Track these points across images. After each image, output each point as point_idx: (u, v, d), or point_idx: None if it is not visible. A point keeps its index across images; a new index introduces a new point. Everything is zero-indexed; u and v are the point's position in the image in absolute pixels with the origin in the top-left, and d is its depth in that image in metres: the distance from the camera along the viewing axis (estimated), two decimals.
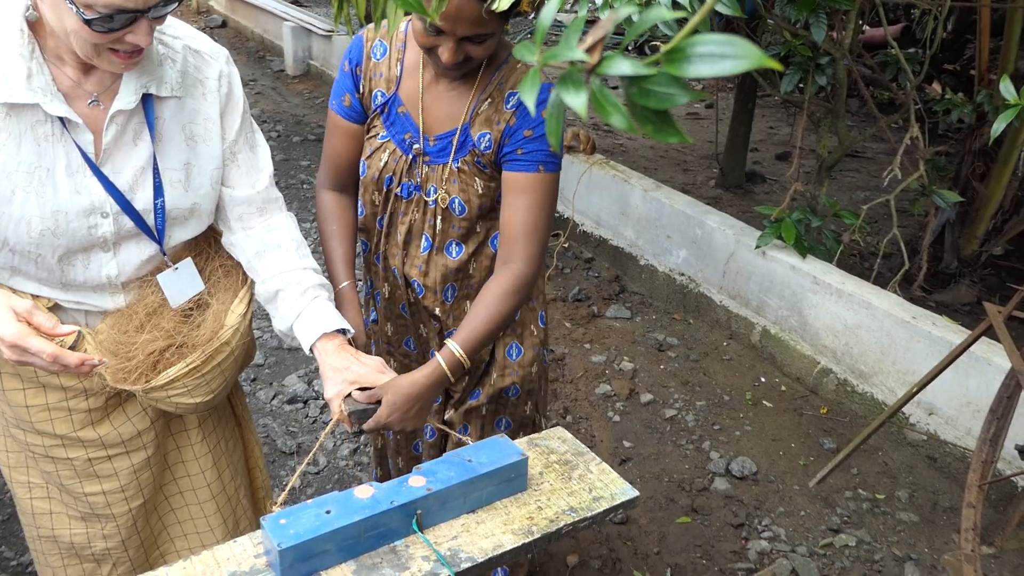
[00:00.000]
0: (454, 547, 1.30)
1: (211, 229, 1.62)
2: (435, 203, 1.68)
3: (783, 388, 3.49)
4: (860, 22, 3.76)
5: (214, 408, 1.72)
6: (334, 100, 1.73)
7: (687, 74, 0.50)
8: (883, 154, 6.18)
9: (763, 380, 3.53)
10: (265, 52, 8.88)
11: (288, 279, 1.55)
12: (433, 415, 1.89)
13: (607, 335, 3.84)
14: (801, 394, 3.44)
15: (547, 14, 0.55)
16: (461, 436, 1.60)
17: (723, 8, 0.92)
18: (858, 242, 3.81)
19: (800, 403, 3.39)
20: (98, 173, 1.37)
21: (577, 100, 0.52)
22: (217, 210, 1.57)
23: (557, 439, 1.59)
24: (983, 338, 2.40)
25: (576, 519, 1.38)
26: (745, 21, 4.30)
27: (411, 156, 1.67)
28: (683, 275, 4.07)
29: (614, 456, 3.02)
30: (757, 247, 3.59)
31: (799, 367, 3.51)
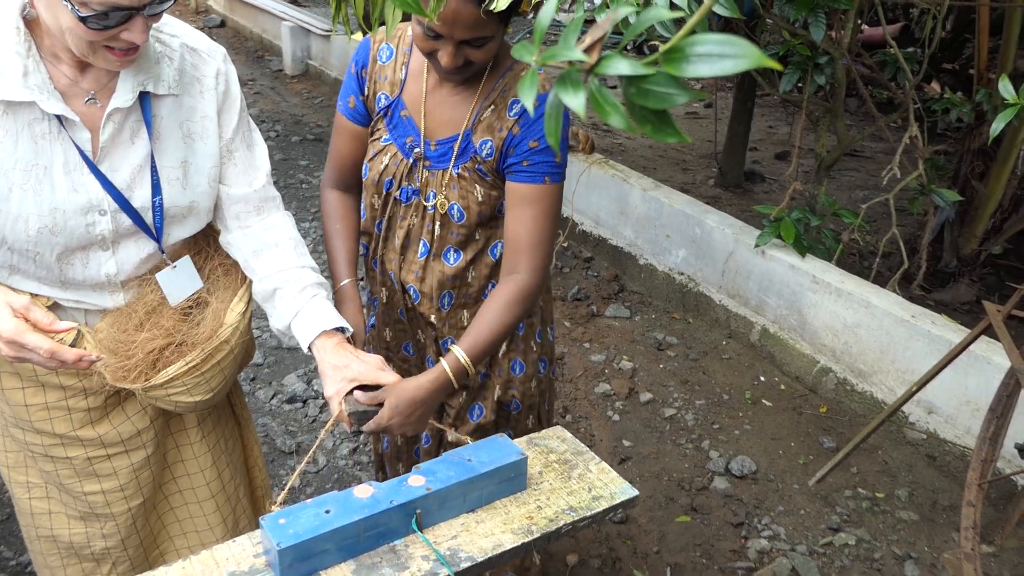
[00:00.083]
0: (454, 546, 1.30)
1: (210, 227, 1.62)
2: (434, 208, 1.67)
3: (782, 387, 3.49)
4: (859, 21, 3.76)
5: (213, 407, 1.72)
6: (340, 101, 1.74)
7: (686, 74, 0.50)
8: (882, 153, 6.18)
9: (762, 379, 3.53)
10: (264, 52, 8.88)
11: (286, 277, 1.55)
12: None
13: (606, 334, 3.84)
14: (800, 393, 3.44)
15: (545, 14, 0.56)
16: (460, 436, 1.60)
17: (721, 9, 0.92)
18: (857, 241, 3.82)
19: (799, 402, 3.39)
20: (95, 171, 1.37)
21: (575, 100, 0.52)
22: (215, 209, 1.57)
23: (556, 438, 1.59)
24: (982, 337, 2.41)
25: (576, 518, 1.38)
26: (744, 20, 4.30)
27: (411, 160, 1.66)
28: (682, 274, 4.07)
29: (613, 455, 3.02)
30: (756, 246, 3.59)
31: (798, 366, 3.51)
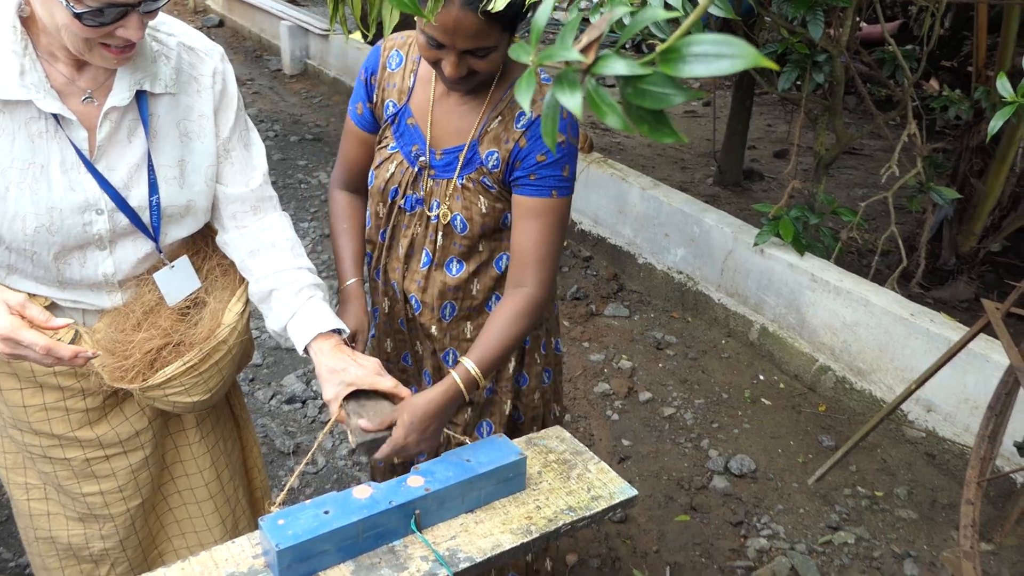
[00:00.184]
0: (452, 547, 1.30)
1: (208, 228, 1.62)
2: (437, 218, 1.66)
3: (781, 386, 3.49)
4: (857, 19, 3.76)
5: (212, 408, 1.71)
6: (350, 106, 1.74)
7: (682, 74, 0.50)
8: (881, 151, 6.18)
9: (761, 378, 3.53)
10: (262, 51, 8.87)
11: (282, 278, 1.54)
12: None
13: (605, 334, 3.84)
14: (799, 392, 3.45)
15: (542, 14, 0.55)
16: (459, 436, 1.59)
17: (716, 10, 0.92)
18: (856, 239, 3.81)
19: (799, 401, 3.39)
20: (92, 170, 1.37)
21: (572, 100, 0.51)
22: (212, 208, 1.57)
23: (555, 438, 1.59)
24: (981, 335, 2.40)
25: (575, 518, 1.38)
26: (742, 19, 4.30)
27: (416, 169, 1.66)
28: (681, 273, 4.07)
29: (613, 455, 3.02)
30: (755, 245, 3.59)
31: (797, 365, 3.51)
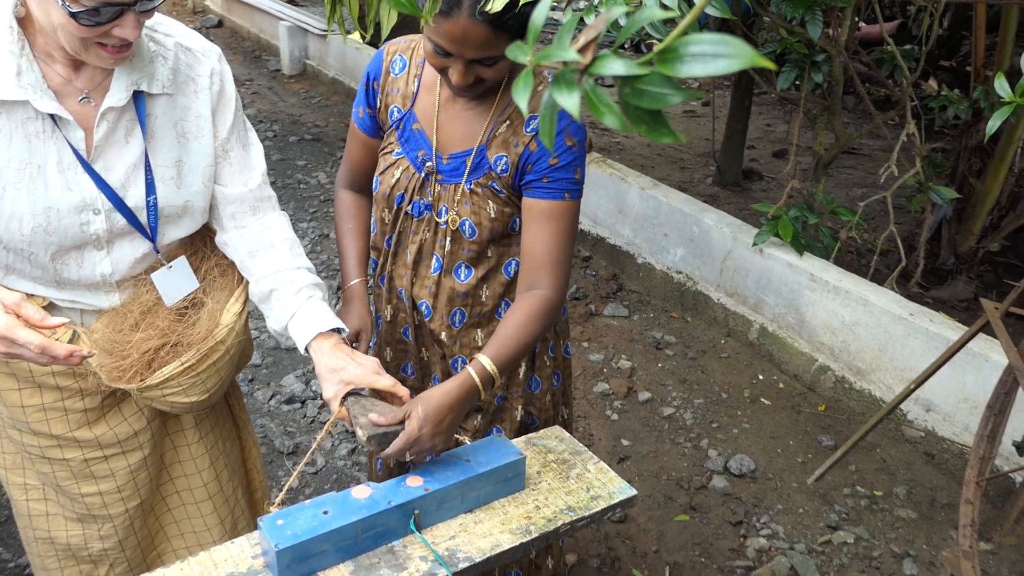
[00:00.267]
0: (452, 547, 1.30)
1: (207, 228, 1.62)
2: (446, 224, 1.65)
3: (781, 385, 3.49)
4: (856, 19, 3.76)
5: (211, 408, 1.71)
6: (354, 108, 1.75)
7: (680, 74, 0.50)
8: (880, 151, 6.18)
9: (761, 378, 3.54)
10: (261, 52, 8.87)
11: (282, 279, 1.55)
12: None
13: (605, 334, 3.84)
14: (799, 391, 3.45)
15: (539, 14, 0.55)
16: (459, 436, 1.59)
17: (713, 11, 0.92)
18: (855, 239, 3.82)
19: (798, 400, 3.39)
20: (89, 170, 1.37)
21: (570, 100, 0.51)
22: (210, 209, 1.57)
23: (555, 438, 1.59)
24: (980, 334, 2.41)
25: (574, 518, 1.38)
26: (741, 19, 4.30)
27: (423, 174, 1.65)
28: (680, 273, 4.07)
29: (612, 455, 3.02)
30: (754, 245, 3.59)
31: (797, 364, 3.51)
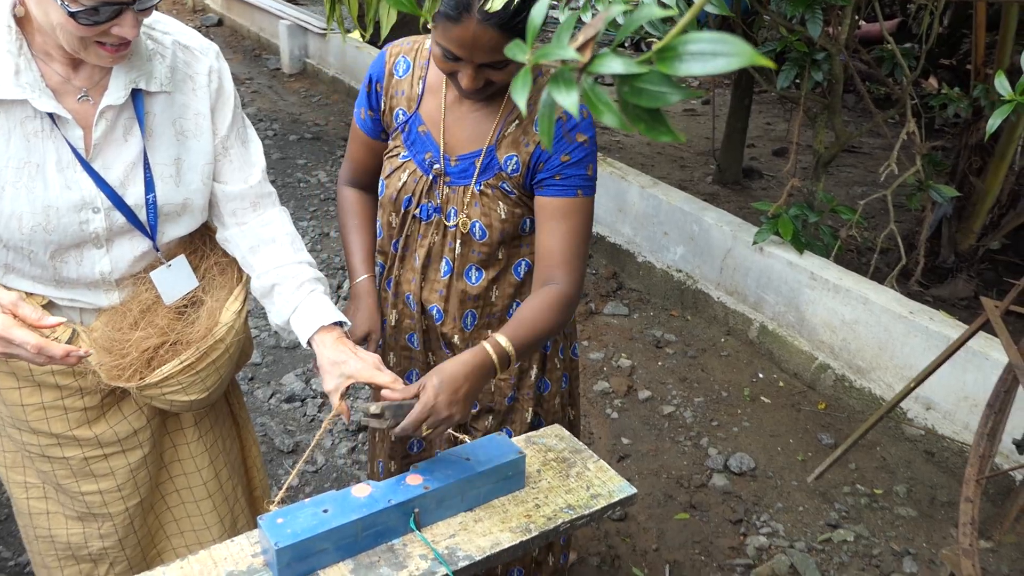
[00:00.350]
0: (452, 545, 1.30)
1: (205, 227, 1.62)
2: (455, 227, 1.64)
3: (781, 384, 3.49)
4: (856, 17, 3.75)
5: (211, 407, 1.71)
6: (356, 109, 1.74)
7: (679, 72, 0.50)
8: (880, 149, 6.18)
9: (761, 376, 3.54)
10: (261, 50, 8.87)
11: (284, 273, 1.55)
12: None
13: (605, 332, 3.84)
14: (799, 390, 3.45)
15: (537, 13, 0.55)
16: (459, 435, 1.59)
17: (712, 8, 0.92)
18: (855, 237, 3.82)
19: (798, 399, 3.39)
20: (88, 168, 1.37)
21: (568, 99, 0.51)
22: (210, 206, 1.57)
23: (555, 436, 1.59)
24: (980, 333, 2.40)
25: (574, 517, 1.38)
26: (741, 17, 4.29)
27: (431, 177, 1.64)
28: (680, 271, 4.07)
29: (612, 453, 3.02)
30: (754, 243, 3.59)
31: (797, 363, 3.51)
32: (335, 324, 1.52)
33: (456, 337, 1.74)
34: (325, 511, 1.26)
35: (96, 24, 1.22)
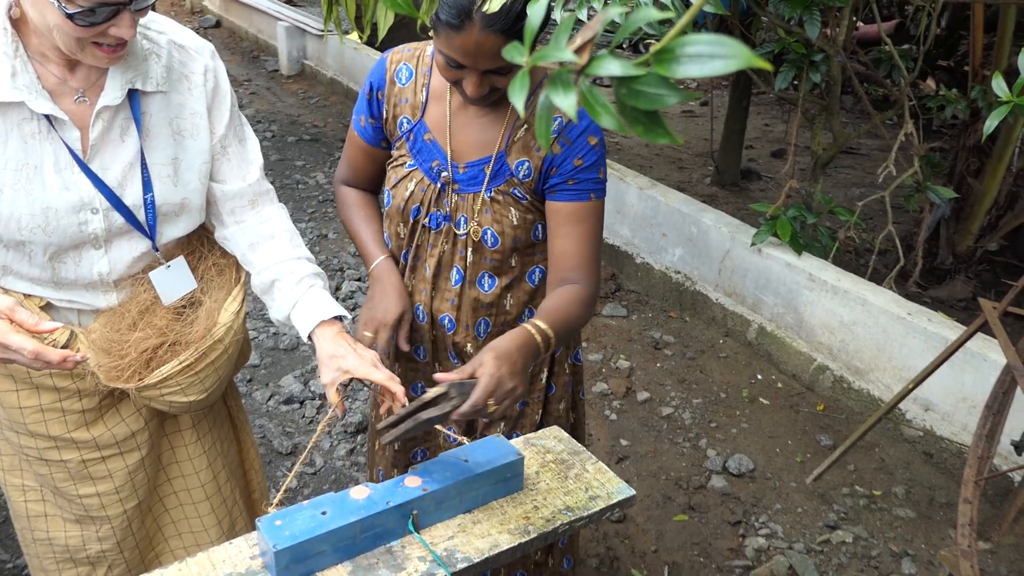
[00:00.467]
0: (450, 547, 1.30)
1: (203, 228, 1.63)
2: (466, 235, 1.63)
3: (779, 385, 3.49)
4: (854, 19, 3.76)
5: (209, 409, 1.71)
6: (354, 116, 1.72)
7: (676, 74, 0.50)
8: (878, 150, 6.18)
9: (759, 377, 3.54)
10: (259, 52, 8.87)
11: (283, 269, 1.55)
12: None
13: (603, 334, 3.84)
14: (797, 391, 3.45)
15: (535, 14, 0.55)
16: (457, 437, 1.59)
17: (710, 7, 0.92)
18: (853, 239, 3.82)
19: (796, 400, 3.39)
20: (86, 169, 1.37)
21: (566, 101, 0.51)
22: (209, 205, 1.57)
23: (553, 438, 1.59)
24: (979, 334, 2.41)
25: (572, 518, 1.38)
26: (739, 19, 4.30)
27: (439, 185, 1.62)
28: (679, 273, 4.07)
29: (611, 455, 3.02)
30: (753, 244, 3.59)
31: (795, 364, 3.51)
32: (335, 318, 1.53)
33: (469, 346, 1.73)
34: (323, 513, 1.26)
35: (93, 25, 1.22)
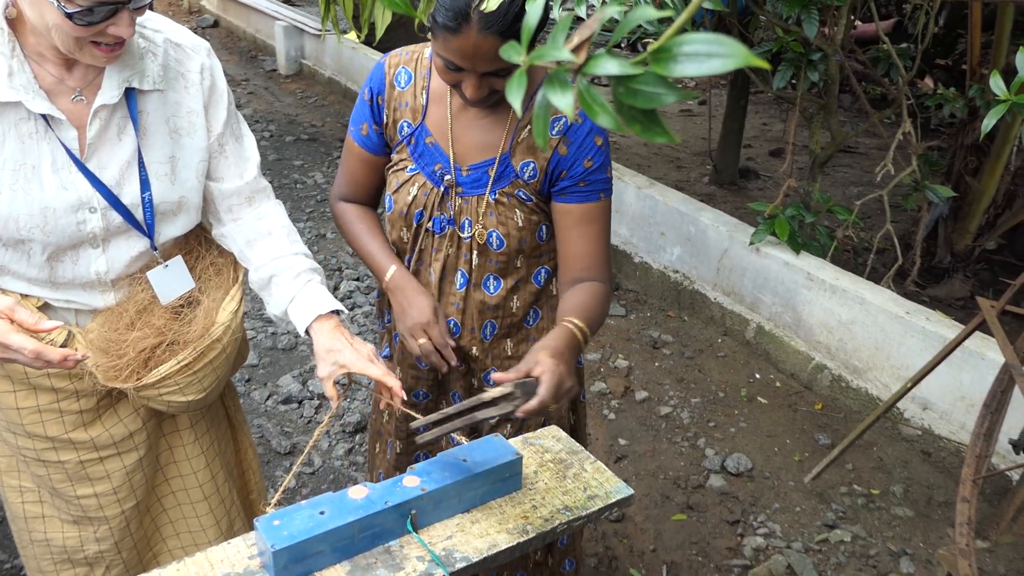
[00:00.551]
0: (449, 547, 1.30)
1: (201, 227, 1.63)
2: (471, 238, 1.62)
3: (778, 384, 3.49)
4: (852, 17, 3.76)
5: (207, 409, 1.71)
6: (352, 126, 1.70)
7: (674, 73, 0.50)
8: (876, 149, 6.19)
9: (758, 376, 3.54)
10: (257, 52, 8.86)
11: (280, 264, 1.56)
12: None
13: (601, 333, 3.84)
14: (796, 390, 3.45)
15: (533, 14, 0.55)
16: (457, 437, 1.58)
17: (709, 4, 0.92)
18: (851, 238, 3.82)
19: (795, 399, 3.39)
20: (83, 169, 1.37)
21: (563, 100, 0.51)
22: (206, 203, 1.57)
23: (552, 438, 1.59)
24: (976, 333, 2.41)
25: (571, 518, 1.38)
26: (737, 18, 4.30)
27: (443, 188, 1.61)
28: (677, 272, 4.07)
29: (609, 454, 3.02)
30: (751, 244, 3.59)
31: (793, 363, 3.52)
32: (332, 313, 1.53)
33: (475, 349, 1.72)
34: (322, 513, 1.26)
35: (92, 24, 1.22)
